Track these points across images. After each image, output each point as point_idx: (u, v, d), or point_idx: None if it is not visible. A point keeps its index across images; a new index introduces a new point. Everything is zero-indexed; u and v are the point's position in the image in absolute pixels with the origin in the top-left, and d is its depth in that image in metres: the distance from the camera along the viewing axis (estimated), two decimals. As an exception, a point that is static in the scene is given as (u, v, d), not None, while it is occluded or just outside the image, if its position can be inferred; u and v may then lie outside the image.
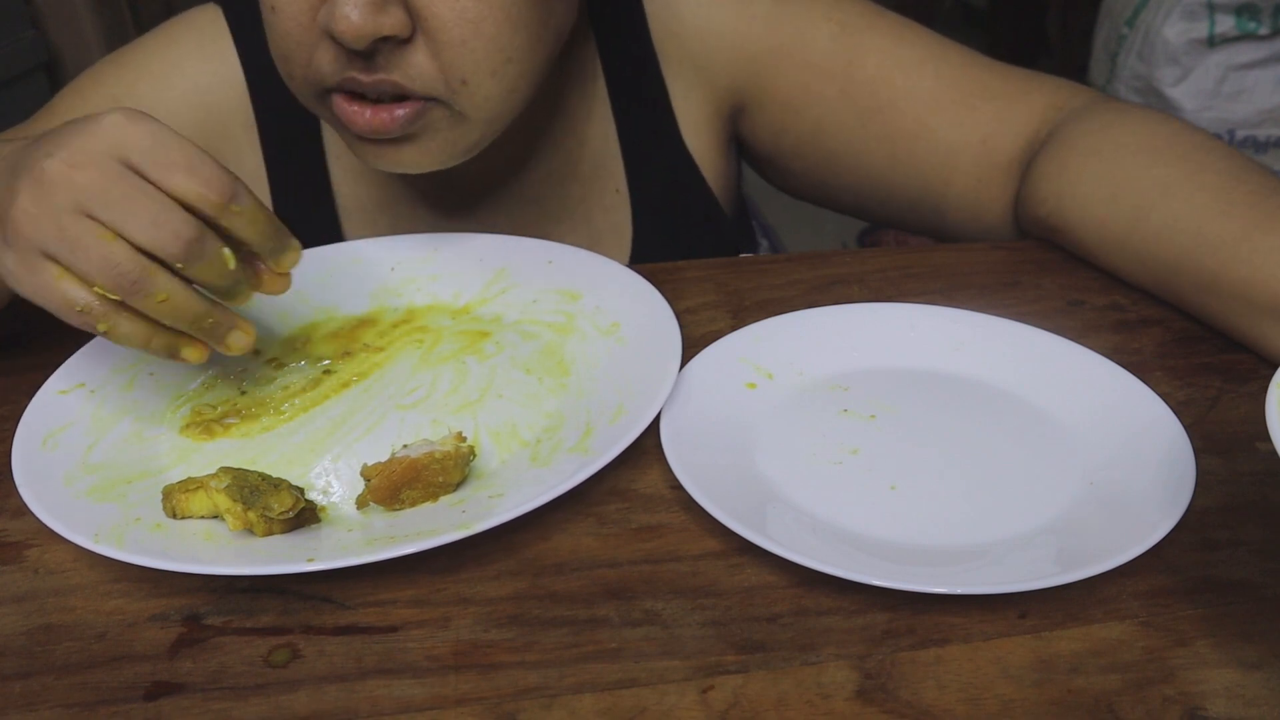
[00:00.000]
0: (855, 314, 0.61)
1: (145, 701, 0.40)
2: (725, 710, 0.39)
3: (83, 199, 0.45)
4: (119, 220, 0.45)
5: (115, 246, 0.45)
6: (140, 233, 0.45)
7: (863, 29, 0.73)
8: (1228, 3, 1.86)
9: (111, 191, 0.45)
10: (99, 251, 0.45)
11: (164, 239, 0.45)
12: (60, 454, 0.51)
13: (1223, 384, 0.57)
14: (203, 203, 0.46)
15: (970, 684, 0.40)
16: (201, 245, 0.46)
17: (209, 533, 0.47)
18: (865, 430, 0.53)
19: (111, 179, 0.45)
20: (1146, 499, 0.46)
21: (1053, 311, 0.63)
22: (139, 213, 0.45)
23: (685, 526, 0.48)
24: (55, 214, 0.45)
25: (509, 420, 0.55)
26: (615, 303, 0.61)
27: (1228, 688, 0.40)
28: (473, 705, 0.40)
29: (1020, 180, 0.72)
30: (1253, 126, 1.95)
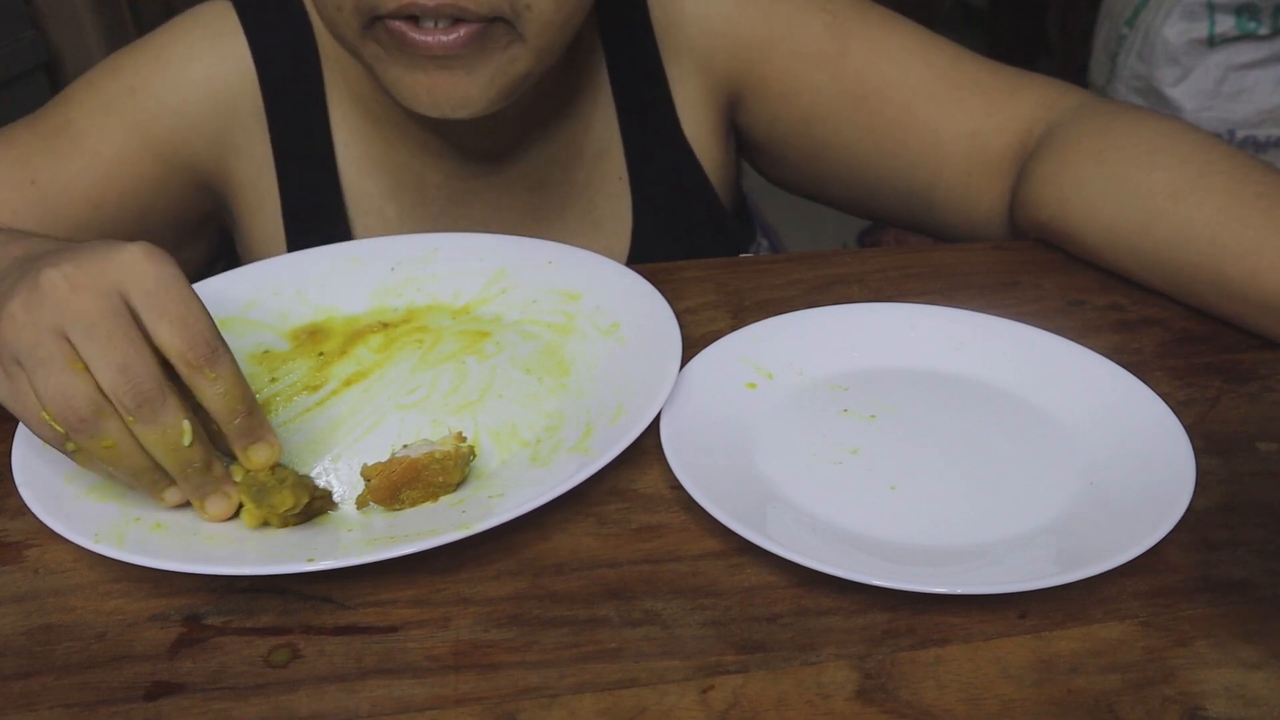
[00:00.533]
0: (855, 314, 0.61)
1: (145, 701, 0.40)
2: (725, 710, 0.39)
3: (68, 322, 0.43)
4: (91, 354, 0.43)
5: (77, 379, 0.43)
6: (104, 373, 0.43)
7: (855, 20, 0.75)
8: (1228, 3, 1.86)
9: (98, 325, 0.43)
10: (59, 379, 0.43)
11: (122, 388, 0.43)
12: (60, 454, 0.51)
13: (1223, 384, 0.57)
14: (179, 358, 0.45)
15: (970, 684, 0.40)
16: (159, 407, 0.44)
17: (209, 533, 0.47)
18: (865, 430, 0.53)
19: (102, 312, 0.44)
20: (1146, 499, 0.46)
21: (1053, 311, 0.63)
22: (112, 353, 0.43)
23: (685, 526, 0.48)
24: (37, 328, 0.44)
25: (509, 420, 0.55)
26: (615, 303, 0.61)
27: (1228, 688, 0.40)
28: (473, 705, 0.40)
29: (1013, 181, 0.72)
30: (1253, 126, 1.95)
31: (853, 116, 0.74)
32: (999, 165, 0.72)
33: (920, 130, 0.73)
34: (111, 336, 0.43)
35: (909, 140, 0.74)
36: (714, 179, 0.79)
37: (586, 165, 0.77)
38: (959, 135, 0.73)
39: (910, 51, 0.74)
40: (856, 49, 0.74)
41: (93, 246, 0.46)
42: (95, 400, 0.43)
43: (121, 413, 0.44)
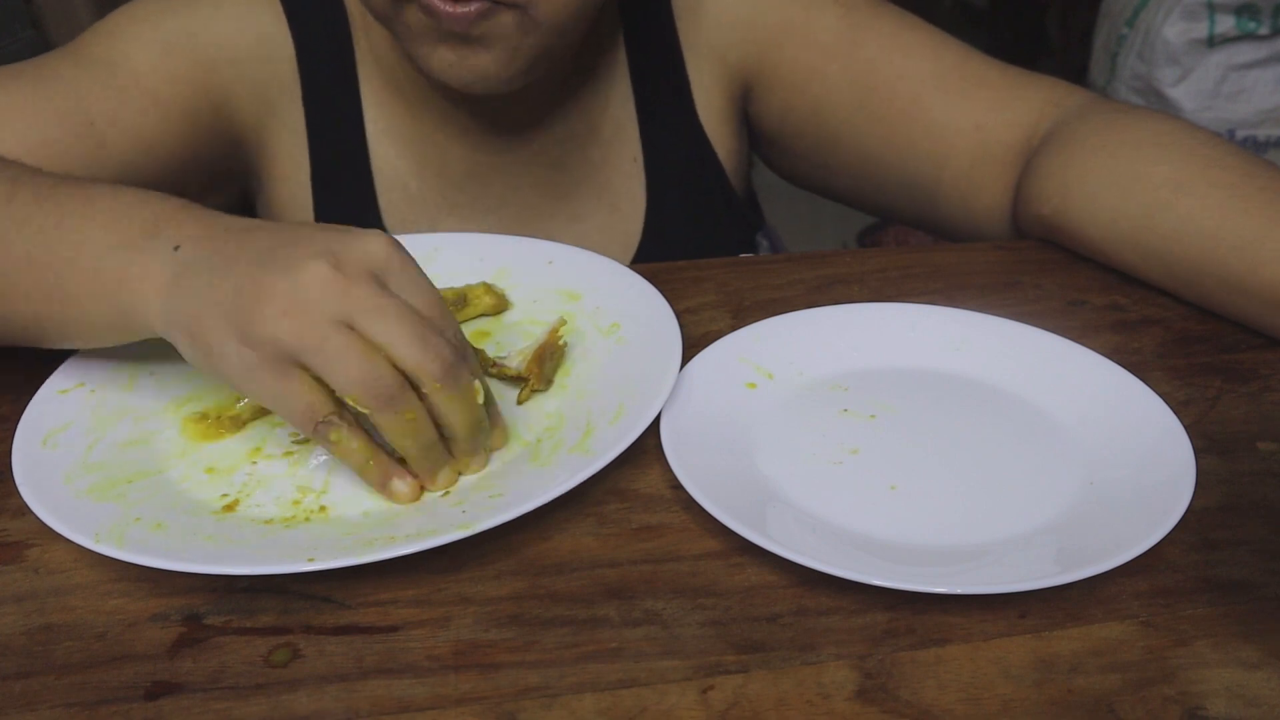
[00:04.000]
0: (855, 314, 0.61)
1: (145, 701, 0.40)
2: (725, 710, 0.39)
3: (352, 311, 0.44)
4: (388, 335, 0.44)
5: (379, 361, 0.44)
6: (406, 350, 0.44)
7: (868, 14, 0.76)
8: (1228, 3, 1.86)
9: (386, 308, 0.44)
10: (361, 364, 0.44)
11: (429, 359, 0.45)
12: (61, 453, 0.51)
13: (1223, 384, 0.57)
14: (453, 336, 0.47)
15: (970, 684, 0.40)
16: (459, 373, 0.46)
17: (209, 533, 0.47)
18: (865, 430, 0.53)
19: (380, 295, 0.45)
20: (1146, 499, 0.46)
21: (1053, 311, 0.63)
22: (409, 330, 0.45)
23: (685, 526, 0.48)
24: (318, 323, 0.44)
25: (509, 420, 0.55)
26: (615, 303, 0.61)
27: (1228, 688, 0.40)
28: (473, 705, 0.40)
29: (1017, 176, 0.72)
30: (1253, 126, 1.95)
31: (862, 107, 0.75)
32: (1003, 160, 0.73)
33: (927, 123, 0.74)
34: (401, 316, 0.45)
35: (916, 132, 0.74)
36: (727, 166, 0.80)
37: (602, 145, 0.78)
38: (964, 129, 0.73)
39: (920, 46, 0.75)
40: (868, 41, 0.75)
41: (329, 232, 0.47)
42: (399, 377, 0.45)
43: (428, 381, 0.45)
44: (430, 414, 0.47)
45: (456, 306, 0.62)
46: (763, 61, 0.77)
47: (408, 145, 0.75)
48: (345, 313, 0.44)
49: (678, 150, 0.79)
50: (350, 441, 0.46)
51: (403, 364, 0.45)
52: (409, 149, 0.75)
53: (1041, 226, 0.70)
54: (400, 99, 0.75)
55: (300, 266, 0.44)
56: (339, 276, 0.44)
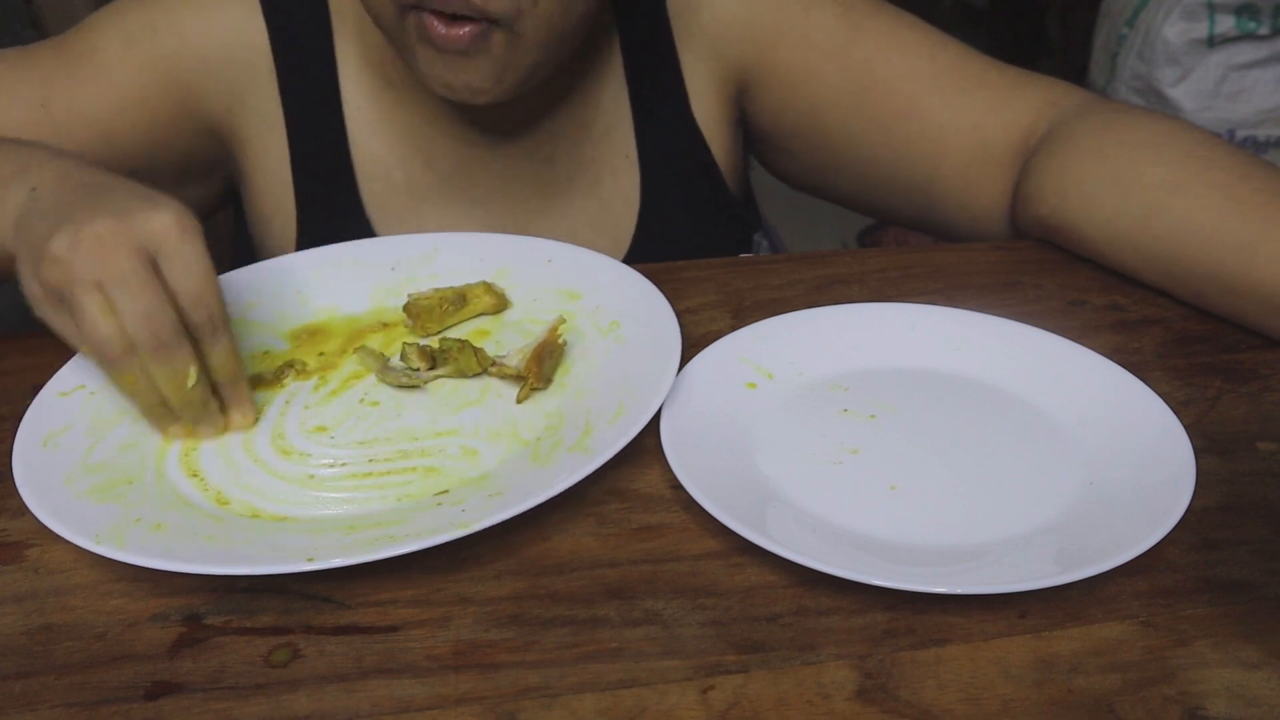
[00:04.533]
0: (855, 314, 0.61)
1: (145, 701, 0.40)
2: (725, 710, 0.39)
3: (103, 273, 0.49)
4: (121, 302, 0.49)
5: (109, 323, 0.49)
6: (130, 319, 0.49)
7: (865, 14, 0.76)
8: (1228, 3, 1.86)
9: (129, 279, 0.49)
10: (93, 322, 0.49)
11: (144, 333, 0.50)
12: (61, 454, 0.51)
13: (1223, 384, 0.57)
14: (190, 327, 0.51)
15: (970, 684, 0.40)
16: (172, 353, 0.51)
17: (209, 533, 0.47)
18: (865, 430, 0.53)
19: (134, 269, 0.49)
20: (1146, 499, 0.46)
21: (1053, 311, 0.63)
22: (138, 304, 0.49)
23: (685, 526, 0.48)
24: (76, 276, 0.49)
25: (509, 420, 0.55)
26: (615, 302, 0.61)
27: (1228, 688, 0.40)
28: (473, 705, 0.40)
29: (1014, 176, 0.72)
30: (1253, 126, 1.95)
31: (859, 107, 0.75)
32: (1001, 160, 0.73)
33: (924, 122, 0.74)
34: (140, 288, 0.49)
35: (913, 132, 0.74)
36: (722, 165, 0.80)
37: (594, 142, 0.77)
38: (962, 129, 0.73)
39: (918, 46, 0.74)
40: (865, 41, 0.75)
41: (133, 199, 0.52)
42: (123, 343, 0.50)
43: (140, 352, 0.50)
44: None
45: (456, 306, 0.62)
46: (759, 61, 0.77)
47: (395, 137, 0.75)
48: (97, 275, 0.49)
49: (672, 148, 0.79)
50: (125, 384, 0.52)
51: (125, 330, 0.50)
52: (396, 140, 0.75)
53: (1039, 227, 0.70)
54: (389, 90, 0.75)
55: (84, 225, 0.50)
56: (106, 242, 0.49)
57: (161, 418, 0.53)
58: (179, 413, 0.53)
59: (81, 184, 0.54)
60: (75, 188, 0.54)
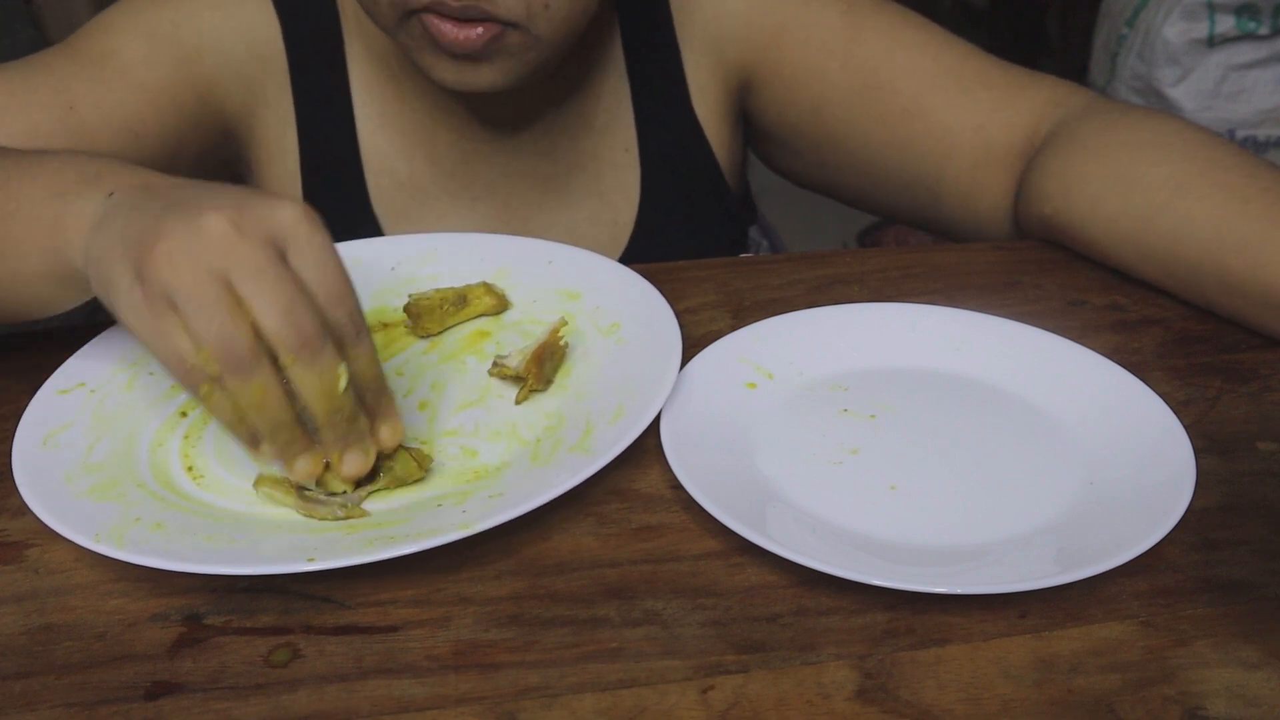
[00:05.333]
0: (855, 314, 0.61)
1: (145, 701, 0.40)
2: (725, 710, 0.39)
3: (232, 266, 0.43)
4: (256, 297, 0.43)
5: (240, 322, 0.43)
6: (269, 315, 0.43)
7: (869, 12, 0.76)
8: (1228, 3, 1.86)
9: (265, 270, 0.43)
10: (223, 321, 0.43)
11: (287, 329, 0.43)
12: (61, 454, 0.51)
13: (1223, 384, 0.57)
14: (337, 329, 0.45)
15: (970, 684, 0.40)
16: (319, 353, 0.44)
17: (209, 533, 0.47)
18: (865, 430, 0.53)
19: (269, 259, 0.44)
20: (1146, 499, 0.46)
21: (1053, 311, 0.63)
22: (278, 297, 0.43)
23: (685, 526, 0.48)
24: (197, 270, 0.43)
25: (509, 420, 0.55)
26: (615, 303, 0.61)
27: (1228, 688, 0.40)
28: (473, 705, 0.40)
29: (1018, 176, 0.72)
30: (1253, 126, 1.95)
31: (862, 105, 0.75)
32: (1005, 160, 0.73)
33: (928, 121, 0.74)
34: (278, 282, 0.43)
35: (916, 130, 0.74)
36: (721, 161, 0.80)
37: (595, 135, 0.78)
38: (966, 128, 0.73)
39: (922, 45, 0.75)
40: (869, 39, 0.75)
41: (248, 192, 0.46)
42: (255, 344, 0.43)
43: (282, 354, 0.44)
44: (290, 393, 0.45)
45: (456, 306, 0.62)
46: (762, 59, 0.77)
47: (398, 131, 0.76)
48: (226, 267, 0.43)
49: (672, 143, 0.79)
50: (215, 396, 0.45)
51: (262, 329, 0.43)
52: (399, 135, 0.76)
53: (1043, 227, 0.70)
54: (392, 85, 0.75)
55: (202, 216, 0.44)
56: (233, 232, 0.43)
57: (292, 442, 0.46)
58: (323, 430, 0.46)
59: (170, 184, 0.49)
60: (166, 188, 0.48)
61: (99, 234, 0.47)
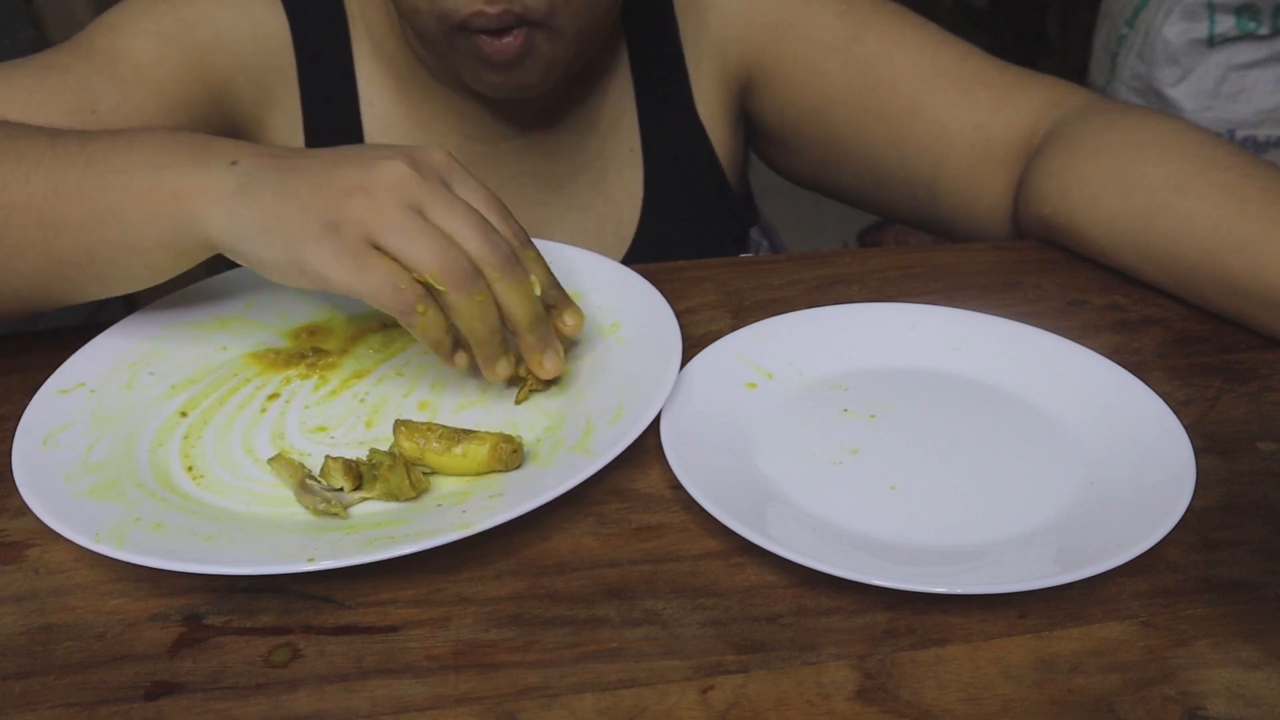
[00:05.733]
0: (855, 314, 0.61)
1: (145, 701, 0.40)
2: (725, 710, 0.39)
3: (423, 199, 0.48)
4: (455, 225, 0.48)
5: (454, 245, 0.48)
6: (471, 238, 0.49)
7: (869, 12, 0.76)
8: (1228, 3, 1.86)
9: (454, 202, 0.49)
10: (440, 243, 0.48)
11: (489, 249, 0.49)
12: (61, 453, 0.51)
13: (1223, 384, 0.57)
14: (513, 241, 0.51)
15: (970, 684, 0.40)
16: (514, 264, 0.50)
17: (209, 533, 0.47)
18: (865, 430, 0.53)
19: (444, 192, 0.49)
20: (1146, 499, 0.46)
21: (1053, 311, 0.63)
22: (474, 223, 0.49)
23: (685, 526, 0.48)
24: (396, 208, 0.48)
25: (509, 420, 0.55)
26: (615, 303, 0.61)
27: (1228, 688, 0.40)
28: (473, 705, 0.40)
29: (1017, 176, 0.72)
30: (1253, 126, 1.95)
31: (862, 104, 0.75)
32: (1003, 159, 0.73)
33: (926, 120, 0.74)
34: (469, 212, 0.49)
35: (915, 129, 0.75)
36: (724, 160, 0.81)
37: (599, 135, 0.78)
38: (964, 126, 0.73)
39: (921, 45, 0.75)
40: (868, 38, 0.75)
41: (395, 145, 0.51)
42: (470, 263, 0.49)
43: (489, 271, 0.49)
44: None
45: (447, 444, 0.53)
46: (763, 58, 0.77)
47: (404, 132, 0.76)
48: (419, 202, 0.48)
49: (675, 143, 0.79)
50: (429, 315, 0.49)
51: (468, 253, 0.49)
52: (405, 135, 0.76)
53: (1042, 227, 0.70)
54: (399, 86, 0.75)
55: (377, 163, 0.49)
56: (414, 173, 0.49)
57: (499, 347, 0.52)
58: (525, 334, 0.52)
59: (294, 152, 0.52)
60: (293, 154, 0.52)
61: (244, 204, 0.49)
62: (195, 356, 0.60)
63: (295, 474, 0.50)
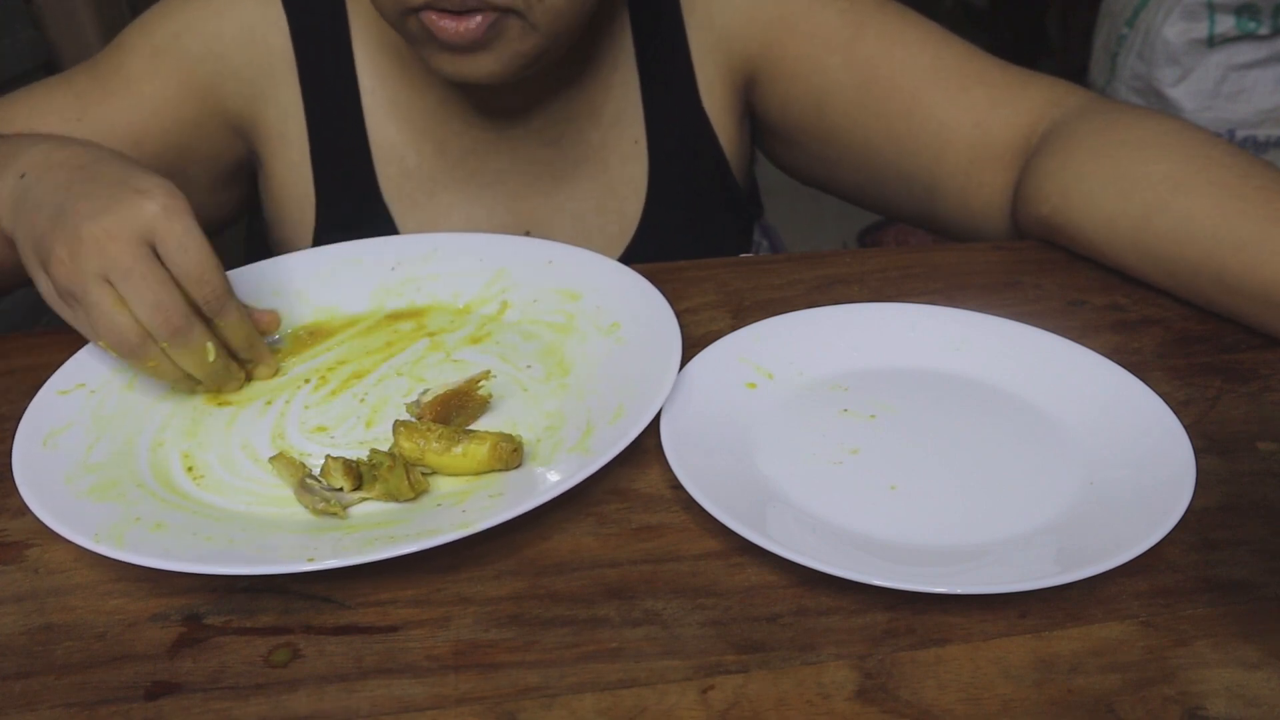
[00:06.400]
0: (855, 314, 0.61)
1: (145, 701, 0.40)
2: (725, 710, 0.39)
3: (108, 268, 0.52)
4: (130, 295, 0.52)
5: (122, 316, 0.52)
6: (141, 310, 0.52)
7: (869, 8, 0.76)
8: (1228, 3, 1.86)
9: (133, 270, 0.52)
10: (108, 318, 0.52)
11: (157, 322, 0.52)
12: (61, 454, 0.51)
13: (1223, 384, 0.57)
14: (203, 306, 0.54)
15: (970, 684, 0.40)
16: (187, 335, 0.54)
17: (209, 533, 0.47)
18: (865, 430, 0.53)
19: (135, 258, 0.52)
20: (1146, 499, 0.46)
21: (1053, 311, 0.63)
22: (146, 294, 0.52)
23: (685, 526, 0.48)
24: (84, 274, 0.52)
25: (509, 420, 0.55)
26: (615, 303, 0.61)
27: (1228, 688, 0.40)
28: (473, 705, 0.40)
29: (1015, 175, 0.73)
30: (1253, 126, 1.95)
31: (862, 102, 0.76)
32: (1002, 158, 0.73)
33: (926, 117, 0.74)
34: (145, 279, 0.52)
35: (914, 126, 0.75)
36: (729, 155, 0.81)
37: (603, 127, 0.78)
38: (963, 125, 0.74)
39: (922, 43, 0.75)
40: (870, 35, 0.75)
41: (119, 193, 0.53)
42: (139, 332, 0.53)
43: (158, 340, 0.53)
44: None
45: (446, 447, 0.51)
46: (766, 53, 0.78)
47: (407, 120, 0.76)
48: (103, 269, 0.52)
49: (680, 137, 0.79)
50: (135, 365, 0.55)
51: (140, 322, 0.53)
52: (408, 124, 0.77)
53: (1041, 226, 0.70)
54: (401, 75, 0.76)
55: (82, 225, 0.52)
56: (104, 238, 0.52)
57: (189, 388, 0.57)
58: (206, 383, 0.57)
59: (65, 165, 0.56)
60: (61, 170, 0.56)
61: (16, 217, 0.56)
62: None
63: (295, 474, 0.50)
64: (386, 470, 0.49)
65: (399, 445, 0.50)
